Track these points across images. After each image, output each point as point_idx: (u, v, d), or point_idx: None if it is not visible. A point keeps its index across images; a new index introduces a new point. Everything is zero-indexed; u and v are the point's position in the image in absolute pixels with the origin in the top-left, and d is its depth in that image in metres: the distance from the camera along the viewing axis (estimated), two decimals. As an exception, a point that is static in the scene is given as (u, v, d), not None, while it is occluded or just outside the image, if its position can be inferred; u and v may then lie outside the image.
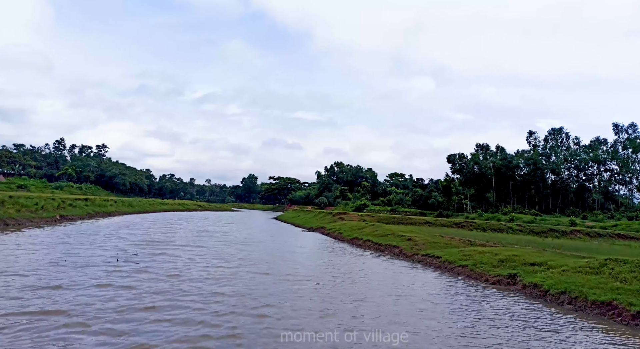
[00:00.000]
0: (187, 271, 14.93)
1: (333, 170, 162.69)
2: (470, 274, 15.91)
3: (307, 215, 56.86)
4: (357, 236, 29.01)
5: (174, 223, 44.60)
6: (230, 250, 22.34)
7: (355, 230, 31.73)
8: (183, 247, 22.09)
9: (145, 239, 25.35)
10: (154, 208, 75.35)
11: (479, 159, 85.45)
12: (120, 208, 58.52)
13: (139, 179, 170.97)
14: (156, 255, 18.41)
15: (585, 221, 61.09)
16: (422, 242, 23.03)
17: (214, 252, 20.98)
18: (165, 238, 26.36)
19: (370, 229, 29.94)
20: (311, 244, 28.43)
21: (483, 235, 34.96)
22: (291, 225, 50.60)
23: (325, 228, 38.67)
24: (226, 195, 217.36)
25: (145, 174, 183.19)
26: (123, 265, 15.27)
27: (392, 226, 32.11)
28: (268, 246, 25.76)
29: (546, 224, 54.91)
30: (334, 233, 34.25)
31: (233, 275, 14.66)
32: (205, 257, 18.82)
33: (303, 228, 43.66)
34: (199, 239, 27.47)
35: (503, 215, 73.04)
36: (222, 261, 18.03)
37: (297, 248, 25.62)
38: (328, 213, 48.24)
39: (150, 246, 21.56)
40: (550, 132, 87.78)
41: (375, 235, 27.48)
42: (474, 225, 40.40)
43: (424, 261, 19.68)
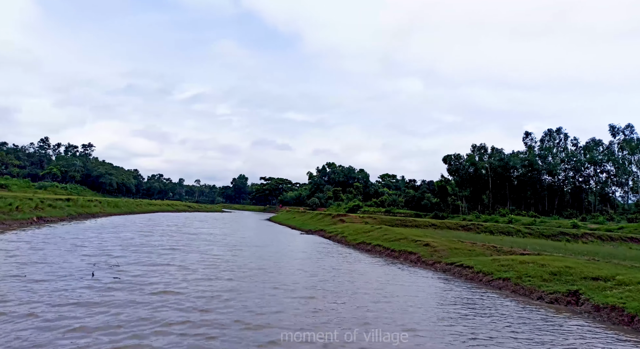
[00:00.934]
0: (175, 286, 12.06)
1: (325, 171, 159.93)
2: (515, 289, 13.27)
3: (302, 217, 54.00)
4: (365, 240, 26.29)
5: (162, 224, 41.46)
6: (225, 255, 19.46)
7: (360, 233, 29.00)
8: (172, 254, 19.15)
9: (130, 243, 22.33)
10: (141, 209, 71.75)
11: (475, 160, 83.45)
12: (106, 209, 55.02)
13: (127, 179, 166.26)
14: (141, 265, 15.47)
15: (586, 223, 59.25)
16: (442, 248, 20.40)
17: (208, 260, 18.09)
18: (152, 243, 23.36)
19: (378, 232, 27.24)
20: (314, 249, 25.63)
21: (493, 238, 32.52)
22: (287, 227, 47.71)
23: (326, 231, 35.89)
24: (216, 196, 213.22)
25: (133, 174, 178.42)
26: (99, 277, 12.34)
27: (402, 229, 29.48)
28: (267, 251, 22.91)
29: (547, 226, 52.88)
30: (337, 237, 31.49)
31: (231, 292, 11.82)
32: (197, 267, 15.94)
33: (301, 231, 40.80)
34: (190, 243, 24.50)
35: (501, 217, 70.99)
36: (217, 270, 15.19)
37: (299, 253, 22.79)
38: (326, 215, 45.46)
39: (135, 253, 18.58)
40: (546, 132, 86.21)
41: (385, 240, 24.79)
42: (480, 228, 37.98)
43: (450, 271, 17.02)
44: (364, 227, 31.37)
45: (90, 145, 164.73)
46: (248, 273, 15.13)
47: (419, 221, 38.85)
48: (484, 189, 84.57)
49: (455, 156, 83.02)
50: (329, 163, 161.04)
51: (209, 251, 21.24)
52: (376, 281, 15.02)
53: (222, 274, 14.61)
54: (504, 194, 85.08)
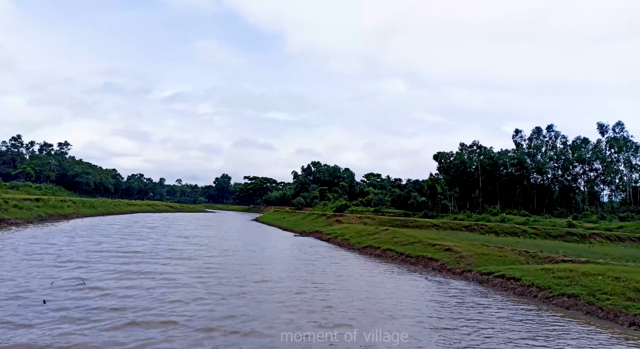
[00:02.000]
0: (153, 314, 8.88)
1: (310, 170, 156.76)
2: (590, 310, 10.49)
3: (293, 217, 50.81)
4: (372, 244, 23.34)
5: (142, 226, 37.75)
6: (215, 264, 16.24)
7: (364, 235, 26.05)
8: (152, 263, 15.84)
9: (104, 250, 18.87)
10: (120, 210, 67.34)
11: (465, 158, 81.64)
12: (80, 209, 50.75)
13: (105, 179, 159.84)
14: (112, 280, 12.17)
15: (581, 222, 57.71)
16: (467, 254, 17.62)
17: (194, 268, 14.89)
18: (129, 249, 19.92)
19: (385, 235, 24.33)
20: (316, 254, 22.55)
21: (502, 239, 30.03)
22: (277, 229, 44.46)
23: (323, 232, 32.85)
24: (198, 196, 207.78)
25: (112, 173, 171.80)
26: (54, 300, 9.03)
27: (411, 230, 26.69)
28: (264, 257, 19.75)
29: (543, 225, 51.07)
30: (336, 239, 28.49)
31: (232, 319, 8.72)
32: (181, 280, 12.76)
33: (294, 233, 37.65)
34: (174, 249, 21.13)
35: (492, 216, 69.19)
36: (206, 286, 12.02)
37: (301, 260, 19.68)
38: (320, 215, 42.39)
39: (107, 263, 15.20)
40: (534, 130, 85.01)
41: (396, 243, 21.90)
42: (485, 228, 35.53)
43: (489, 283, 14.19)
44: (366, 228, 28.44)
45: (67, 143, 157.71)
46: (249, 290, 11.99)
47: (420, 222, 36.18)
48: (473, 188, 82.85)
49: (447, 154, 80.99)
50: (314, 163, 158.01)
51: (196, 258, 17.97)
52: (411, 299, 12.07)
53: (216, 292, 11.44)
54: (493, 193, 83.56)
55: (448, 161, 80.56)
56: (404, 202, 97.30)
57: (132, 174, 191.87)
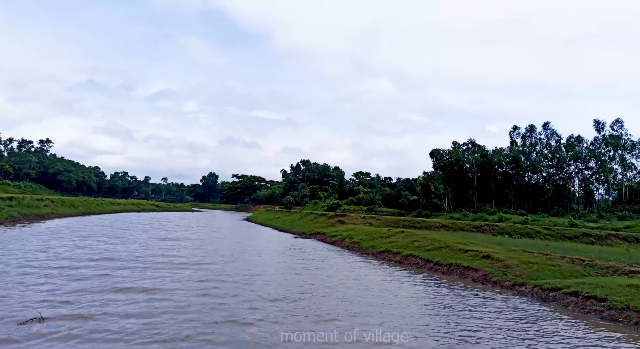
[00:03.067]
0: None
1: (299, 168, 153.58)
2: None
3: (288, 217, 47.72)
4: (390, 248, 20.48)
5: (126, 227, 34.24)
6: (213, 273, 13.16)
7: (377, 238, 23.20)
8: (136, 276, 12.69)
9: (78, 258, 15.62)
10: (102, 209, 63.29)
11: (460, 155, 79.54)
12: (59, 209, 46.84)
13: (88, 177, 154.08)
14: (84, 306, 9.04)
15: (583, 222, 55.91)
16: (511, 262, 14.90)
17: (186, 284, 11.83)
18: (108, 254, 16.70)
19: (403, 238, 21.51)
20: (325, 260, 19.59)
21: (518, 241, 27.59)
22: (272, 229, 41.36)
23: (326, 234, 29.92)
24: (184, 194, 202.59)
25: (95, 171, 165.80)
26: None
27: (427, 232, 23.93)
28: (270, 264, 16.74)
29: (541, 225, 49.13)
30: (343, 242, 25.59)
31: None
32: (171, 298, 9.72)
33: (293, 234, 34.60)
34: (161, 255, 17.92)
35: (489, 215, 67.20)
36: (202, 307, 8.98)
37: (313, 271, 16.70)
38: (320, 215, 39.38)
39: (79, 277, 12.00)
40: (527, 128, 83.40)
41: (418, 248, 19.10)
42: (496, 229, 33.06)
43: (557, 303, 11.43)
44: (377, 230, 25.61)
45: (48, 140, 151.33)
46: (264, 313, 9.01)
47: (429, 222, 33.51)
48: (468, 186, 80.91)
49: (444, 151, 78.78)
50: (304, 161, 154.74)
51: (190, 265, 14.86)
52: (481, 323, 9.23)
53: (222, 318, 8.43)
54: (487, 191, 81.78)
55: (444, 158, 78.33)
56: (395, 201, 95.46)
57: (116, 172, 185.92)
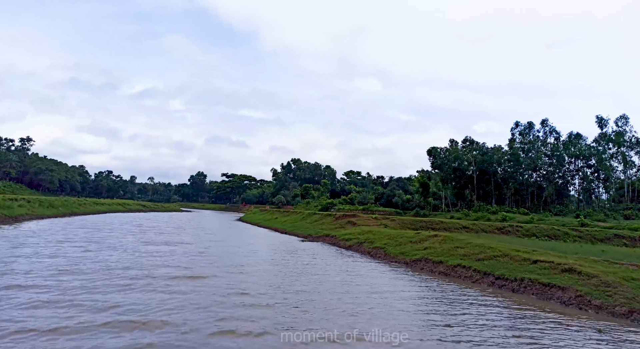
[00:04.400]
0: None
1: (290, 167, 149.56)
2: None
3: (287, 217, 43.93)
4: (426, 256, 16.99)
5: (108, 230, 30.06)
6: (226, 288, 9.47)
7: (405, 243, 19.69)
8: (125, 294, 8.96)
9: (42, 273, 11.77)
10: (85, 210, 58.64)
11: (459, 153, 76.75)
12: (35, 210, 42.32)
13: (71, 176, 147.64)
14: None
15: (594, 221, 53.28)
16: (610, 279, 11.54)
17: (180, 313, 8.16)
18: (82, 267, 12.89)
19: (440, 244, 18.04)
20: (353, 269, 16.03)
21: (548, 244, 24.56)
22: (272, 231, 37.60)
23: (337, 237, 26.36)
24: (172, 194, 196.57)
25: (79, 171, 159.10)
26: None
27: (464, 236, 20.55)
28: (298, 283, 13.11)
29: (547, 224, 46.47)
30: (361, 247, 22.07)
31: None
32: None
33: (297, 237, 30.86)
34: (151, 267, 14.13)
35: (491, 214, 64.53)
36: None
37: (348, 288, 13.12)
38: (326, 215, 35.67)
39: (47, 302, 8.22)
40: (525, 126, 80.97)
41: (465, 256, 15.67)
42: (522, 231, 29.93)
43: None
44: (401, 233, 22.13)
45: (29, 138, 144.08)
46: None
47: (447, 223, 30.20)
48: (466, 185, 78.19)
49: (441, 149, 75.84)
50: (294, 160, 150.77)
51: (197, 276, 11.14)
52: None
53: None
54: (486, 190, 79.24)
55: (442, 156, 75.41)
56: (389, 200, 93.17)
57: (101, 172, 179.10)
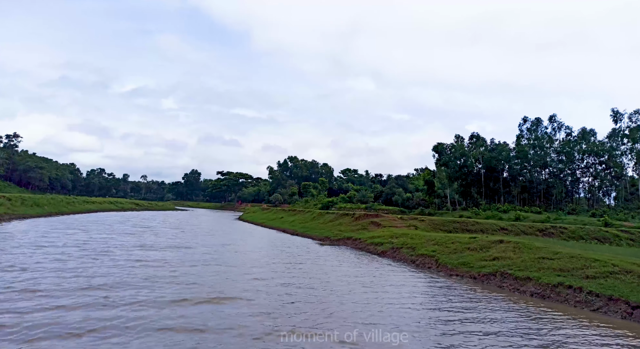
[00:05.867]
0: None
1: (286, 165, 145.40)
2: None
3: (294, 217, 39.93)
4: (503, 269, 13.17)
5: (97, 232, 25.73)
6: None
7: (462, 251, 15.85)
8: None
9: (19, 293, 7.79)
10: (74, 209, 54.10)
11: (466, 150, 73.27)
12: (17, 209, 37.88)
13: (62, 174, 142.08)
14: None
15: (621, 222, 49.65)
16: None
17: None
18: (54, 285, 8.93)
19: (514, 252, 14.18)
20: (417, 292, 12.23)
21: (602, 248, 21.03)
22: (278, 232, 33.61)
23: (363, 240, 22.49)
24: (165, 193, 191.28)
25: (70, 168, 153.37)
26: None
27: (540, 242, 16.79)
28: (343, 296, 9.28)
29: (565, 224, 43.14)
30: (398, 254, 18.21)
31: None
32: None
33: (313, 239, 26.95)
34: (149, 283, 10.20)
35: (503, 213, 61.09)
36: None
37: (432, 315, 9.29)
38: (342, 215, 31.70)
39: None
40: (533, 121, 77.65)
41: (564, 272, 11.84)
42: (566, 233, 26.31)
43: None
44: (449, 237, 18.29)
45: (16, 135, 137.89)
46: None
47: (483, 224, 26.47)
48: (473, 182, 74.74)
49: (447, 146, 72.28)
50: (291, 157, 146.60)
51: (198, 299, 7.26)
52: None
53: None
54: (492, 188, 75.92)
55: (449, 153, 71.83)
56: (388, 199, 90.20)
57: (93, 169, 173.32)
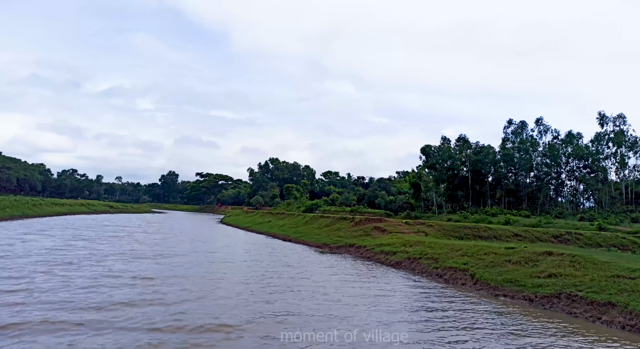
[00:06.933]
0: None
1: (267, 167, 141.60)
2: None
3: (284, 221, 36.80)
4: (562, 289, 10.51)
5: (61, 238, 22.01)
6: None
7: (501, 264, 13.26)
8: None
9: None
10: (40, 211, 49.42)
11: (452, 152, 71.74)
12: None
13: (31, 175, 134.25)
14: None
15: (616, 226, 48.52)
16: None
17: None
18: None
19: (573, 267, 11.58)
20: (467, 324, 9.56)
21: (623, 255, 18.96)
22: (269, 237, 30.47)
23: (368, 248, 19.72)
24: (141, 194, 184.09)
25: (39, 169, 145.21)
26: None
27: (604, 256, 14.36)
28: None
29: (557, 228, 41.68)
30: (417, 265, 15.53)
31: None
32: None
33: (310, 246, 24.00)
34: (121, 311, 7.17)
35: (492, 217, 59.60)
36: None
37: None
38: (339, 219, 28.72)
39: None
40: (518, 124, 76.99)
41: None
42: (582, 239, 24.24)
43: None
44: (479, 246, 15.71)
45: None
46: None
47: (496, 230, 24.10)
48: (460, 185, 73.27)
49: (435, 148, 70.53)
50: (272, 159, 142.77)
51: None
52: None
53: None
54: (479, 191, 74.64)
55: (437, 155, 70.10)
56: (371, 202, 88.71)
57: (64, 170, 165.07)
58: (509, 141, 75.11)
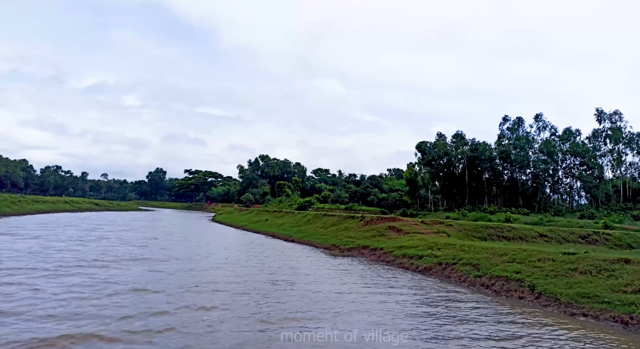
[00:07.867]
0: None
1: (257, 164, 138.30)
2: None
3: (282, 219, 34.18)
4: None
5: (36, 242, 19.09)
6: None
7: (568, 273, 10.88)
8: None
9: None
10: (20, 209, 45.96)
11: (448, 149, 69.82)
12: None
13: (12, 171, 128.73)
14: None
15: (622, 224, 46.91)
16: None
17: None
18: None
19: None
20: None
21: None
22: (268, 237, 27.89)
23: (386, 250, 17.32)
24: (128, 192, 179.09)
25: (21, 165, 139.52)
26: None
27: None
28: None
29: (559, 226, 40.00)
30: (450, 272, 13.18)
31: None
32: None
33: (317, 247, 21.55)
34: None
35: (491, 215, 57.88)
36: None
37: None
38: (346, 217, 26.16)
39: None
40: (515, 121, 75.42)
41: None
42: (611, 240, 22.22)
43: None
44: (528, 251, 13.34)
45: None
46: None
47: (521, 230, 21.86)
48: (457, 183, 71.51)
49: (431, 144, 68.51)
50: (263, 156, 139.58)
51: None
52: None
53: None
54: (476, 188, 72.99)
55: (433, 152, 68.08)
56: (363, 199, 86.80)
57: (48, 166, 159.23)
58: (504, 138, 73.55)
